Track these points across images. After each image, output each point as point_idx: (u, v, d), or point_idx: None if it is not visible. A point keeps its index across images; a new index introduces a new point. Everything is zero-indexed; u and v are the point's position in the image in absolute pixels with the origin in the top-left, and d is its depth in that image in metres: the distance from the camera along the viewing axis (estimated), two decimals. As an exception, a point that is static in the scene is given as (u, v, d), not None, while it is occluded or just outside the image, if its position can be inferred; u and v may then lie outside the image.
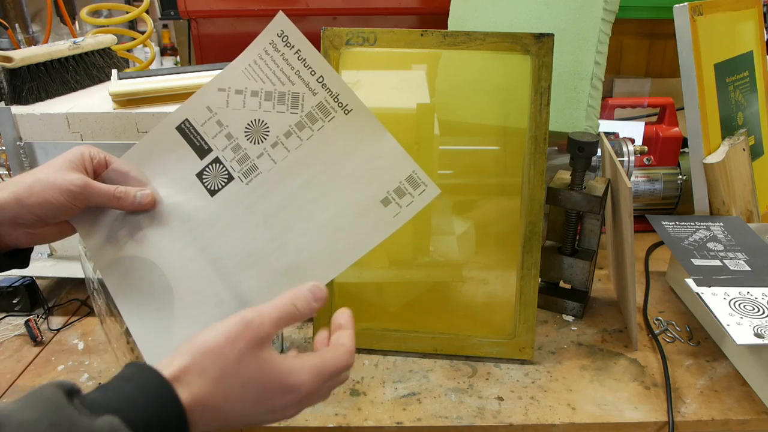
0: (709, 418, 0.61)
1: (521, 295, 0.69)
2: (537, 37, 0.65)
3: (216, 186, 0.52)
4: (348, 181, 0.51)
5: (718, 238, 0.77)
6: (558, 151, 0.98)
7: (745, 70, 0.92)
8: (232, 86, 0.52)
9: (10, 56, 0.81)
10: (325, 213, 0.51)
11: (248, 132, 0.52)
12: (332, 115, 0.52)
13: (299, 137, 0.52)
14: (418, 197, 0.51)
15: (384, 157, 0.51)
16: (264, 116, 0.52)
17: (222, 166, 0.52)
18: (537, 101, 0.66)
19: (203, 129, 0.52)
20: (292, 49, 0.52)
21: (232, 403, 0.39)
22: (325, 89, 0.52)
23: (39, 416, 0.31)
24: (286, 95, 0.52)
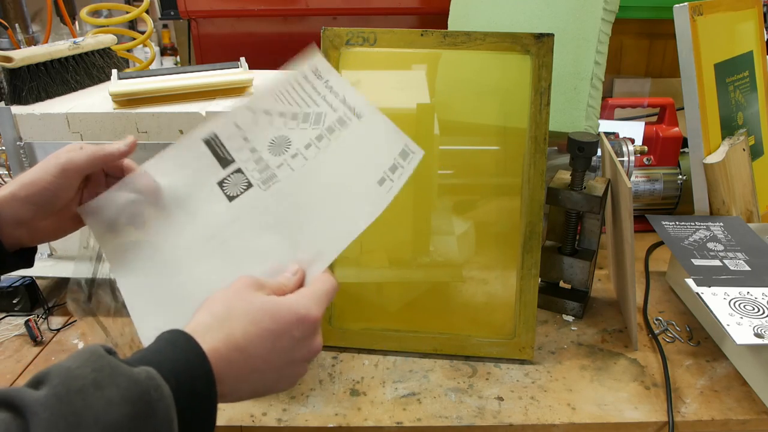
0: (709, 418, 0.61)
1: (521, 295, 0.69)
2: (537, 37, 0.65)
3: (235, 193, 0.53)
4: (354, 175, 0.53)
5: (718, 238, 0.77)
6: (558, 151, 0.98)
7: (745, 70, 0.92)
8: (261, 107, 0.55)
9: (10, 56, 0.81)
10: (333, 208, 0.53)
11: (271, 146, 0.54)
12: (348, 124, 0.55)
13: (317, 147, 0.54)
14: (407, 166, 0.53)
15: (380, 138, 0.54)
16: (288, 132, 0.55)
17: (243, 175, 0.54)
18: (537, 101, 0.66)
19: (229, 143, 0.54)
20: (321, 80, 0.56)
21: (253, 343, 0.41)
22: (345, 105, 0.55)
23: (83, 362, 0.34)
24: (311, 115, 0.55)
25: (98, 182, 0.55)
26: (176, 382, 0.36)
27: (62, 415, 0.31)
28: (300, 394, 0.64)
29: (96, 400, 0.32)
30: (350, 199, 0.53)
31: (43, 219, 0.51)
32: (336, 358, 0.70)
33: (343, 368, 0.68)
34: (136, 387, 0.33)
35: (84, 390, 0.32)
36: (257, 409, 0.62)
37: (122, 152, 0.53)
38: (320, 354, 0.71)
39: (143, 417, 0.33)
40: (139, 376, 0.34)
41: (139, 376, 0.34)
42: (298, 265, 0.49)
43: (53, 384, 0.32)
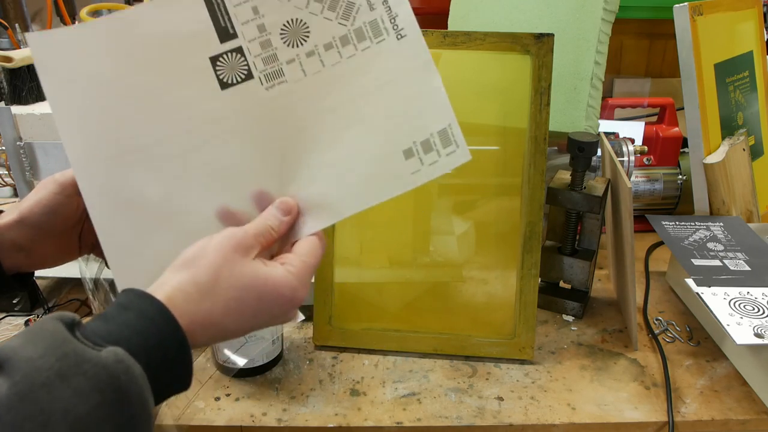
0: (709, 418, 0.61)
1: (521, 295, 0.69)
2: (537, 37, 0.65)
3: (230, 79, 0.44)
4: (376, 118, 0.45)
5: (718, 238, 0.77)
6: (558, 151, 0.98)
7: (745, 70, 0.92)
8: None
9: (10, 56, 0.81)
10: (341, 150, 0.45)
11: (285, 31, 0.44)
12: (383, 38, 0.45)
13: (339, 53, 0.45)
14: (444, 157, 0.45)
15: (423, 100, 0.45)
16: (308, 18, 0.44)
17: (243, 58, 0.44)
18: (537, 101, 0.66)
19: (235, 10, 0.44)
20: None
21: (232, 317, 0.39)
22: (385, 6, 0.45)
23: (44, 351, 0.31)
24: (340, 1, 0.45)
25: None
26: (147, 356, 0.34)
27: (27, 415, 0.29)
28: (300, 394, 0.64)
29: (62, 392, 0.30)
30: (365, 153, 0.45)
31: (42, 244, 0.50)
32: (336, 358, 0.70)
33: (343, 368, 0.68)
34: (104, 372, 0.31)
35: (49, 383, 0.30)
36: (257, 409, 0.62)
37: None
38: (320, 354, 0.71)
39: (115, 404, 0.32)
40: (107, 361, 0.32)
41: (107, 360, 0.32)
42: (291, 201, 0.44)
43: (15, 380, 0.30)
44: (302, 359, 0.70)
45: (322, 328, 0.71)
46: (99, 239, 0.44)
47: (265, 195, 0.45)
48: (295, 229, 0.45)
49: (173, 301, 0.37)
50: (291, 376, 0.67)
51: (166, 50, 0.44)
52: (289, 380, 0.66)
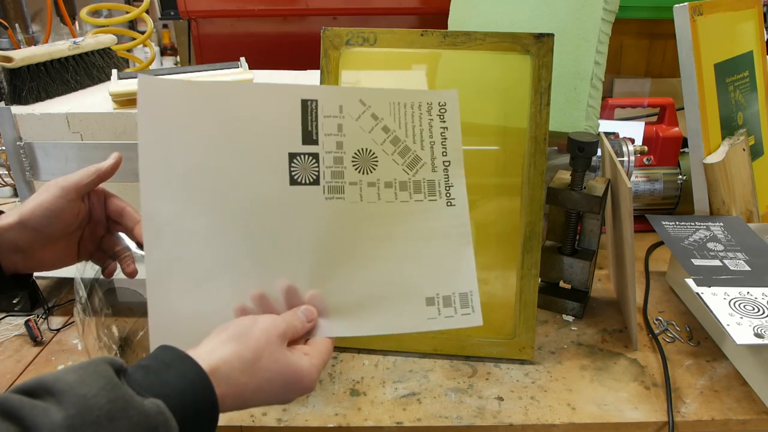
0: (709, 418, 0.61)
1: (521, 295, 0.69)
2: (537, 37, 0.65)
3: (300, 179, 0.48)
4: (410, 262, 0.50)
5: (718, 238, 0.77)
6: (558, 151, 0.98)
7: (745, 70, 0.92)
8: (372, 107, 0.50)
9: (10, 56, 0.81)
10: (373, 275, 0.50)
11: (357, 156, 0.50)
12: (435, 198, 0.51)
13: (395, 194, 0.50)
14: (459, 317, 0.50)
15: (454, 262, 0.51)
16: (380, 154, 0.50)
17: (316, 164, 0.48)
18: (537, 101, 0.66)
19: (323, 121, 0.48)
20: (442, 122, 0.51)
21: (259, 395, 0.43)
22: (445, 173, 0.51)
23: (98, 391, 0.34)
24: (410, 153, 0.51)
25: (99, 221, 0.56)
26: (182, 414, 0.37)
27: None
28: (300, 394, 0.64)
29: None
30: (392, 287, 0.50)
31: (41, 247, 0.51)
32: (336, 358, 0.70)
33: (343, 368, 0.68)
34: (146, 422, 0.34)
35: (98, 422, 0.33)
36: (257, 409, 0.62)
37: (112, 165, 0.54)
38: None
39: None
40: (150, 411, 0.35)
41: (150, 410, 0.35)
42: (314, 310, 0.49)
43: (70, 413, 0.32)
44: (302, 359, 0.70)
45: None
46: (147, 285, 0.47)
47: (294, 291, 0.49)
48: (315, 329, 0.49)
49: (218, 370, 0.40)
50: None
51: (254, 131, 0.48)
52: (289, 380, 0.66)
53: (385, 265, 0.50)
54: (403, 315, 0.49)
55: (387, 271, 0.50)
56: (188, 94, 0.47)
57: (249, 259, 0.48)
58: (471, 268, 0.51)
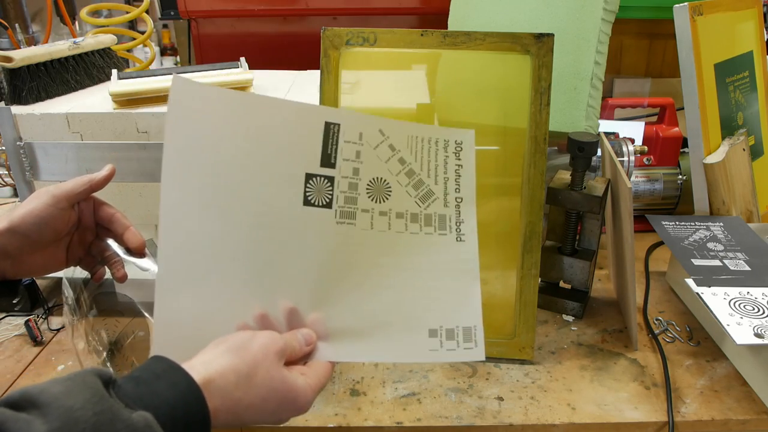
0: (709, 418, 0.61)
1: (521, 295, 0.69)
2: (537, 37, 0.65)
3: (314, 201, 0.49)
4: (415, 293, 0.50)
5: (718, 238, 0.77)
6: (558, 151, 0.98)
7: (745, 70, 0.92)
8: (390, 138, 0.51)
9: (10, 56, 0.81)
10: (377, 303, 0.50)
11: (372, 184, 0.50)
12: (445, 233, 0.51)
13: (406, 226, 0.51)
14: (461, 350, 0.50)
15: (460, 297, 0.51)
16: (394, 184, 0.51)
17: (331, 188, 0.49)
18: (537, 101, 0.66)
19: (343, 145, 0.49)
20: (458, 160, 0.52)
21: (252, 411, 0.42)
22: (456, 209, 0.52)
23: (84, 403, 0.33)
24: (423, 186, 0.52)
25: (88, 227, 0.56)
26: (172, 427, 0.36)
27: None
28: (300, 394, 0.64)
29: None
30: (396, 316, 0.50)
31: (30, 253, 0.51)
32: (336, 358, 0.70)
33: (343, 368, 0.68)
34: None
35: None
36: (257, 409, 0.62)
37: (105, 177, 0.54)
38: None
39: None
40: (137, 424, 0.34)
41: (137, 423, 0.34)
42: (314, 335, 0.48)
43: (53, 426, 0.31)
44: (302, 359, 0.70)
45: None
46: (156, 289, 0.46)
47: (295, 313, 0.49)
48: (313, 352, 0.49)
49: (213, 383, 0.39)
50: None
51: (277, 146, 0.48)
52: (289, 380, 0.66)
53: (390, 294, 0.50)
54: (404, 344, 0.49)
55: (391, 300, 0.50)
56: (220, 101, 0.47)
57: (255, 274, 0.48)
58: (477, 304, 0.51)
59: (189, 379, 0.38)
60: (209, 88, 0.48)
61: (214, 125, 0.47)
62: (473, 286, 0.51)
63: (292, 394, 0.44)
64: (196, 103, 0.47)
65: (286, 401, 0.43)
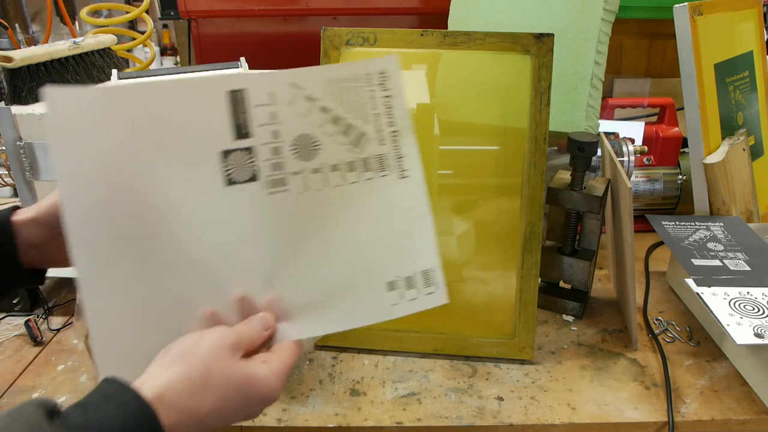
0: (709, 418, 0.61)
1: (521, 295, 0.69)
2: (537, 37, 0.65)
3: (236, 177, 0.45)
4: (366, 247, 0.47)
5: (718, 238, 0.77)
6: (558, 151, 0.98)
7: (745, 70, 0.92)
8: (306, 89, 0.46)
9: (10, 56, 0.81)
10: (330, 268, 0.47)
11: (297, 143, 0.46)
12: (386, 173, 0.47)
13: (343, 177, 0.47)
14: (423, 297, 0.47)
15: (414, 239, 0.47)
16: (321, 137, 0.46)
17: (253, 160, 0.45)
18: (537, 101, 0.66)
19: (254, 110, 0.44)
20: (384, 91, 0.48)
21: (216, 414, 0.40)
22: (394, 144, 0.48)
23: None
24: (353, 129, 0.47)
25: None
26: None
27: None
28: (300, 394, 0.64)
29: None
30: (351, 277, 0.47)
31: (55, 244, 0.50)
32: (336, 358, 0.70)
33: (343, 368, 0.68)
34: None
35: None
36: (257, 409, 0.62)
37: None
38: (320, 354, 0.71)
39: None
40: None
41: None
42: (271, 317, 0.45)
43: None
44: (302, 359, 0.70)
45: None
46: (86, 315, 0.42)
47: (247, 300, 0.45)
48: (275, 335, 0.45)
49: (163, 398, 0.37)
50: (291, 376, 0.67)
51: (179, 133, 0.43)
52: (289, 380, 0.66)
53: (341, 254, 0.47)
54: (365, 305, 0.46)
55: (343, 260, 0.47)
56: (101, 102, 0.42)
57: (193, 276, 0.45)
58: (431, 242, 0.47)
59: (138, 400, 0.36)
60: (83, 90, 0.42)
61: (102, 131, 0.42)
62: (424, 224, 0.48)
63: (256, 386, 0.41)
64: (75, 112, 0.41)
65: (251, 395, 0.41)
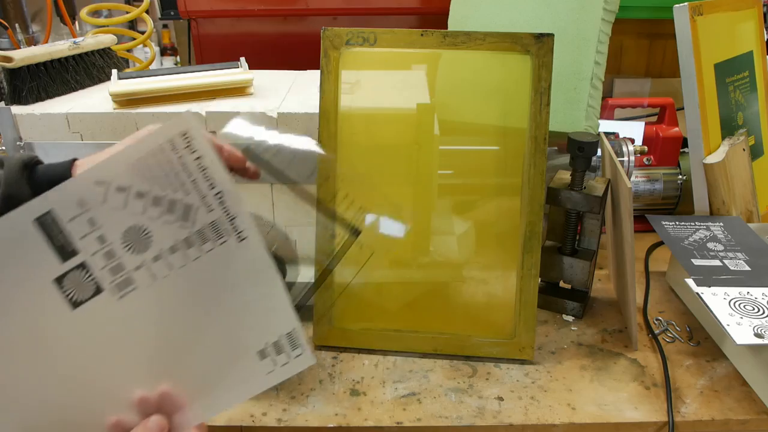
0: (709, 418, 0.61)
1: (521, 295, 0.69)
2: (537, 37, 0.65)
3: (80, 297, 0.43)
4: (230, 320, 0.46)
5: (718, 238, 0.77)
6: (558, 151, 0.98)
7: (745, 70, 0.92)
8: (113, 181, 0.43)
9: (10, 56, 0.81)
10: (205, 349, 0.46)
11: (126, 238, 0.44)
12: (224, 239, 0.45)
13: (185, 255, 0.45)
14: (293, 360, 0.46)
15: (269, 302, 0.46)
16: (148, 223, 0.44)
17: (89, 274, 0.43)
18: (537, 101, 0.66)
19: (70, 226, 0.42)
20: (193, 153, 0.44)
21: None
22: (222, 208, 0.45)
23: None
24: (177, 204, 0.44)
25: None
26: None
27: None
28: (300, 394, 0.64)
29: None
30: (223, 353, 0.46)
31: None
32: (336, 358, 0.70)
33: (343, 368, 0.68)
34: None
35: None
36: (257, 408, 0.62)
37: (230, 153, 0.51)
38: (320, 354, 0.71)
39: None
40: None
41: None
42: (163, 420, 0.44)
43: None
44: (302, 359, 0.70)
45: (322, 328, 0.71)
46: None
47: (145, 400, 0.45)
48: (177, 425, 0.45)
49: None
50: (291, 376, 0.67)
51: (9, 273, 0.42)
52: (289, 380, 0.66)
53: (211, 333, 0.46)
54: (245, 378, 0.46)
55: (214, 338, 0.46)
56: None
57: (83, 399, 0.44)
58: (286, 303, 0.46)
59: None
60: None
61: None
62: (275, 285, 0.46)
63: None
64: None
65: None
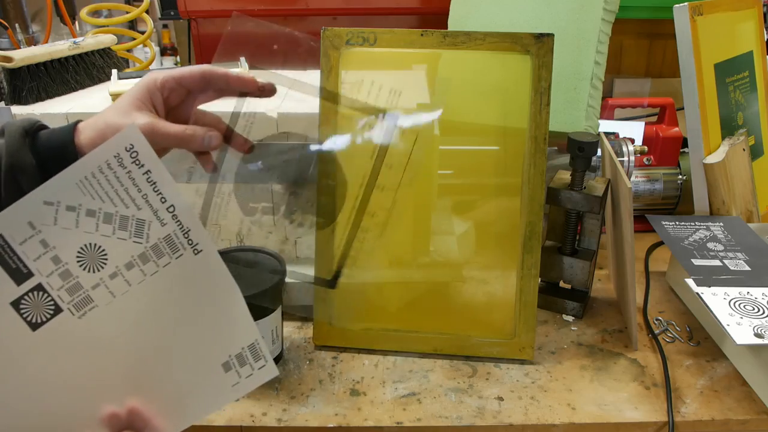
0: (709, 418, 0.61)
1: (521, 295, 0.69)
2: (537, 37, 0.65)
3: (38, 318, 0.43)
4: (193, 333, 0.46)
5: (718, 238, 0.77)
6: (558, 151, 0.98)
7: (745, 70, 0.92)
8: (62, 201, 0.42)
9: (10, 56, 0.81)
10: (171, 364, 0.46)
11: (81, 257, 0.43)
12: (180, 253, 0.45)
13: (142, 271, 0.44)
14: (257, 371, 0.46)
15: (229, 314, 0.46)
16: (101, 241, 0.44)
17: (46, 294, 0.43)
18: (537, 101, 0.66)
19: (22, 248, 0.42)
20: (141, 168, 0.43)
21: None
22: (176, 221, 0.44)
23: None
24: (130, 220, 0.44)
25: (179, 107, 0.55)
26: None
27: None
28: (300, 394, 0.64)
29: None
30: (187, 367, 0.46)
31: None
32: (336, 358, 0.70)
33: (343, 368, 0.68)
34: None
35: None
36: (257, 409, 0.62)
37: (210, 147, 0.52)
38: (320, 354, 0.71)
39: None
40: None
41: None
42: None
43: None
44: (302, 359, 0.70)
45: (322, 328, 0.71)
46: None
47: (114, 416, 0.45)
48: None
49: None
50: (291, 376, 0.67)
51: None
52: (289, 380, 0.66)
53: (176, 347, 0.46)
54: (211, 391, 0.46)
55: (180, 353, 0.46)
56: None
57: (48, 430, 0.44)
58: (246, 315, 0.46)
59: None
60: None
61: None
62: (234, 297, 0.46)
63: None
64: None
65: None
